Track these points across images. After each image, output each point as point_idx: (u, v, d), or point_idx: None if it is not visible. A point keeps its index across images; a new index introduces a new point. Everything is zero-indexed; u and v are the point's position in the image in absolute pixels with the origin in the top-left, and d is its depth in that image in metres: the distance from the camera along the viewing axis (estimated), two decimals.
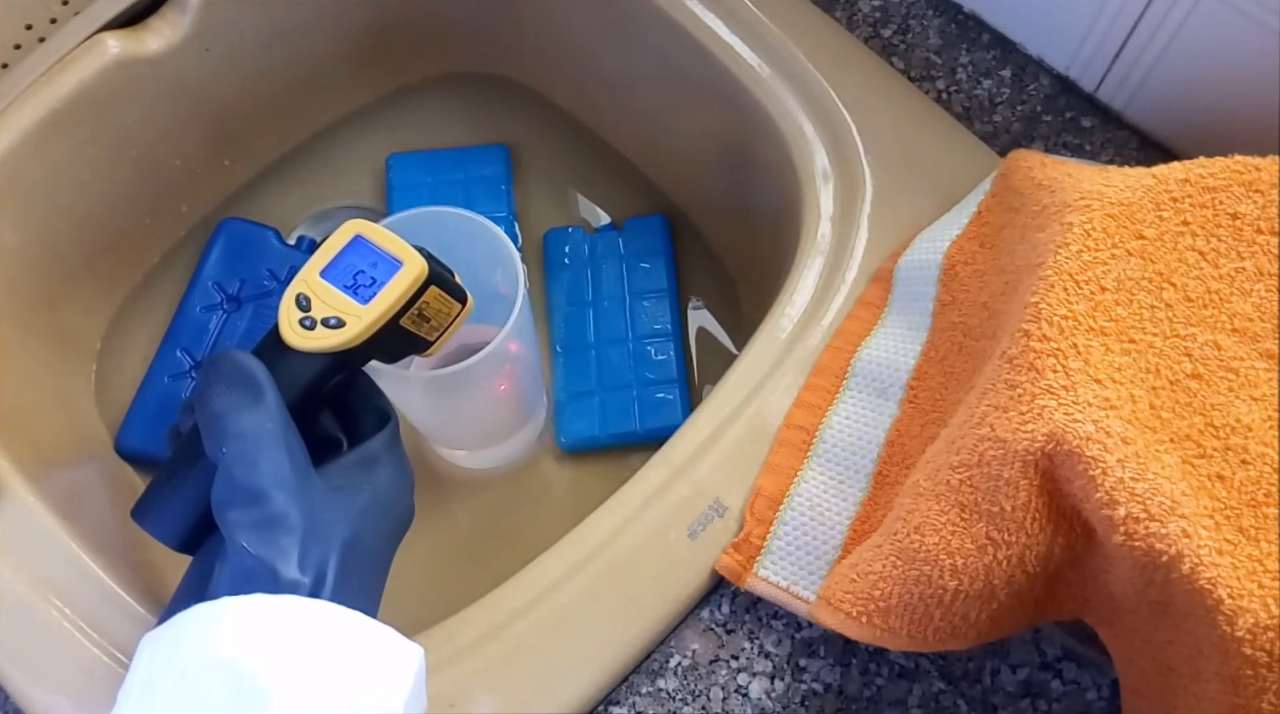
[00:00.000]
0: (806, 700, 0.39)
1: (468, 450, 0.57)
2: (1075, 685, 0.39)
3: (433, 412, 0.52)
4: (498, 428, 0.56)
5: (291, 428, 0.32)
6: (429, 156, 0.65)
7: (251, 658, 0.28)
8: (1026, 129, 0.49)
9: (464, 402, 0.49)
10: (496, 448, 0.57)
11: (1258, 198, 0.35)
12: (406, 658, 0.31)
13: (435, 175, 0.65)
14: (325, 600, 0.30)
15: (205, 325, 0.59)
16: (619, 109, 0.65)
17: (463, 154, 0.65)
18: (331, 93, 0.65)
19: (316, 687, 0.29)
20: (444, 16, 0.64)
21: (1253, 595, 0.28)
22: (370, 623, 0.31)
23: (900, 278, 0.45)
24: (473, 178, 0.65)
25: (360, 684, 0.30)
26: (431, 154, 0.65)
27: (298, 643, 0.29)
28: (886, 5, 0.53)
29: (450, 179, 0.65)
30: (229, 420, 0.31)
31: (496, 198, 0.64)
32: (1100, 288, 0.34)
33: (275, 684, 0.28)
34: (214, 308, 0.60)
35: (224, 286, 0.60)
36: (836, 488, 0.41)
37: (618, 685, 0.40)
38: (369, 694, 0.30)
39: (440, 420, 0.54)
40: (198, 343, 0.59)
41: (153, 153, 0.57)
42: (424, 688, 0.32)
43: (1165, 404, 0.32)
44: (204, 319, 0.59)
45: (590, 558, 0.41)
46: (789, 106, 0.50)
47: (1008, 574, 0.33)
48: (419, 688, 0.32)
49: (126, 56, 0.52)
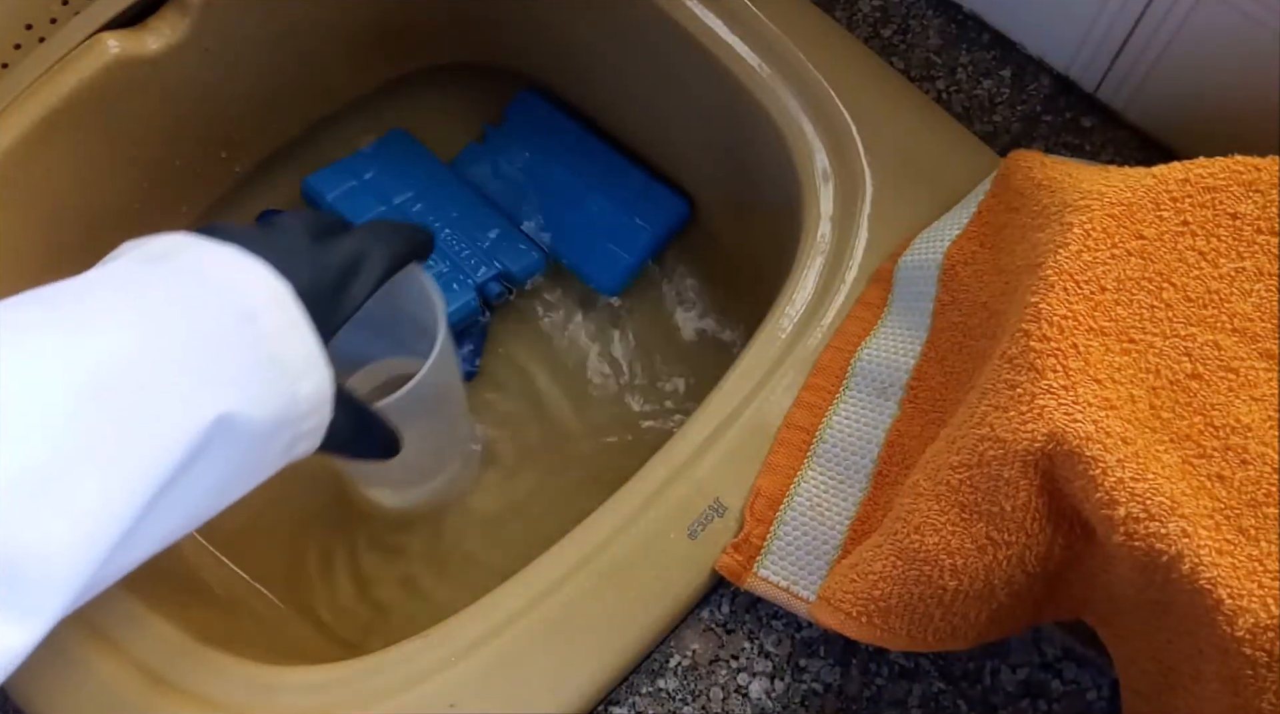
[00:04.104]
0: (806, 700, 0.39)
1: (393, 488, 0.57)
2: (1075, 685, 0.39)
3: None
4: (428, 464, 0.55)
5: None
6: (344, 164, 0.66)
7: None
8: (1026, 129, 0.49)
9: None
10: (423, 486, 0.56)
11: (1258, 198, 0.35)
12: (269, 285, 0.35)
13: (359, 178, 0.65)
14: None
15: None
16: (618, 106, 0.65)
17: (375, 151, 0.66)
18: (331, 87, 0.65)
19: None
20: (444, 12, 0.64)
21: (1253, 595, 0.28)
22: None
23: (900, 278, 0.45)
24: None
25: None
26: (346, 161, 0.66)
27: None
28: (886, 5, 0.53)
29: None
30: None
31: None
32: (1100, 288, 0.34)
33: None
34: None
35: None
36: (836, 488, 0.41)
37: (618, 685, 0.40)
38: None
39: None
40: None
41: (153, 153, 0.57)
42: (302, 324, 0.35)
43: (1165, 404, 0.32)
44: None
45: (590, 558, 0.41)
46: (789, 106, 0.50)
47: (1008, 574, 0.33)
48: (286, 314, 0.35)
49: (126, 56, 0.52)
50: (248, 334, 0.33)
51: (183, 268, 0.34)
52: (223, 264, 0.35)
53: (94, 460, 0.28)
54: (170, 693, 0.39)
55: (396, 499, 0.57)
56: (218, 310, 0.33)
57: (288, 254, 0.36)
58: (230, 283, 0.34)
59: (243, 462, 0.33)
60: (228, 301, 0.33)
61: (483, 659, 0.39)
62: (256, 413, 0.32)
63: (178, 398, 0.31)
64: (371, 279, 0.39)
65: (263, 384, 0.33)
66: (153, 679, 0.39)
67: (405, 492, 0.57)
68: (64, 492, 0.27)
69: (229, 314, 0.33)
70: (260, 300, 0.34)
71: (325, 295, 0.37)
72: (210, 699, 0.39)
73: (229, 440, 0.32)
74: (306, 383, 0.35)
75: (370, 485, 0.57)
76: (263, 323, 0.34)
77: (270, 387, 0.33)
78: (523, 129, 0.67)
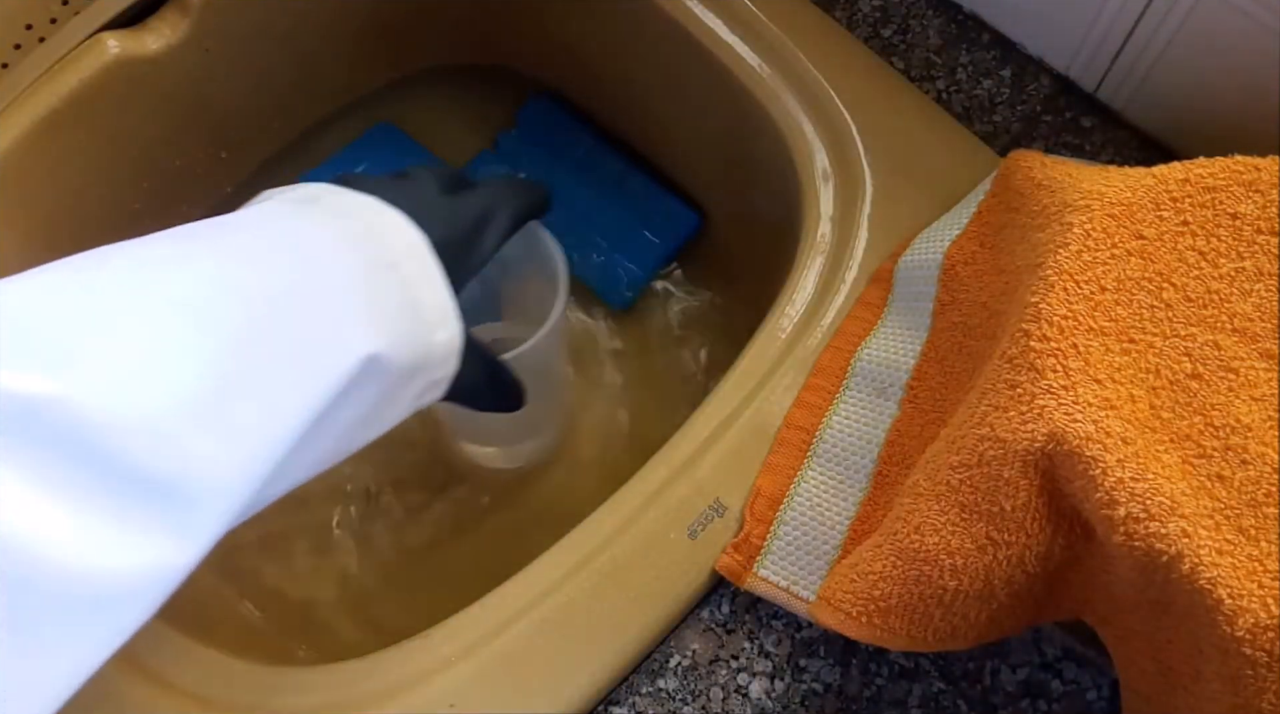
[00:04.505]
0: (806, 700, 0.39)
1: (500, 446, 0.57)
2: (1075, 685, 0.39)
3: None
4: (534, 421, 0.55)
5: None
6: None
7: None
8: (1026, 129, 0.49)
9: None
10: (524, 445, 0.57)
11: (1258, 198, 0.35)
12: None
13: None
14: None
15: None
16: (618, 107, 0.65)
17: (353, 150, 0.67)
18: (331, 88, 0.65)
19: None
20: (444, 11, 0.64)
21: (1253, 595, 0.28)
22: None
23: (900, 278, 0.45)
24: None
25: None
26: (337, 159, 0.66)
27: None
28: (886, 5, 0.53)
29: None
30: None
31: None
32: (1100, 288, 0.34)
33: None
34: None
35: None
36: (836, 488, 0.41)
37: (618, 685, 0.40)
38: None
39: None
40: None
41: (153, 153, 0.57)
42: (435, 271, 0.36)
43: (1165, 404, 0.32)
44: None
45: (590, 558, 0.41)
46: (789, 106, 0.50)
47: (1008, 574, 0.33)
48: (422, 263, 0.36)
49: (126, 56, 0.52)
50: (392, 280, 0.34)
51: (330, 210, 0.35)
52: (365, 211, 0.35)
53: (260, 386, 0.29)
54: (170, 693, 0.39)
55: (503, 459, 0.57)
56: (366, 253, 0.34)
57: (422, 206, 0.37)
58: (374, 230, 0.35)
59: (382, 402, 0.34)
60: (374, 247, 0.34)
61: (483, 659, 0.39)
62: (398, 357, 0.33)
63: (337, 331, 0.31)
64: (498, 234, 0.40)
65: (404, 330, 0.34)
66: (153, 679, 0.39)
67: (512, 450, 0.57)
68: (231, 415, 0.28)
69: (375, 258, 0.34)
70: (401, 249, 0.35)
71: (457, 249, 0.38)
72: (210, 699, 0.39)
73: (374, 379, 0.33)
74: (442, 333, 0.36)
75: (478, 444, 0.57)
76: (404, 270, 0.35)
77: (410, 333, 0.34)
78: (534, 135, 0.67)
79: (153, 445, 0.26)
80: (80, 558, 0.25)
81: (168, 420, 0.26)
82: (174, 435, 0.26)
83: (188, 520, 0.27)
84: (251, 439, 0.28)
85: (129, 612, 0.26)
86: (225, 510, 0.28)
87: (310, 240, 0.33)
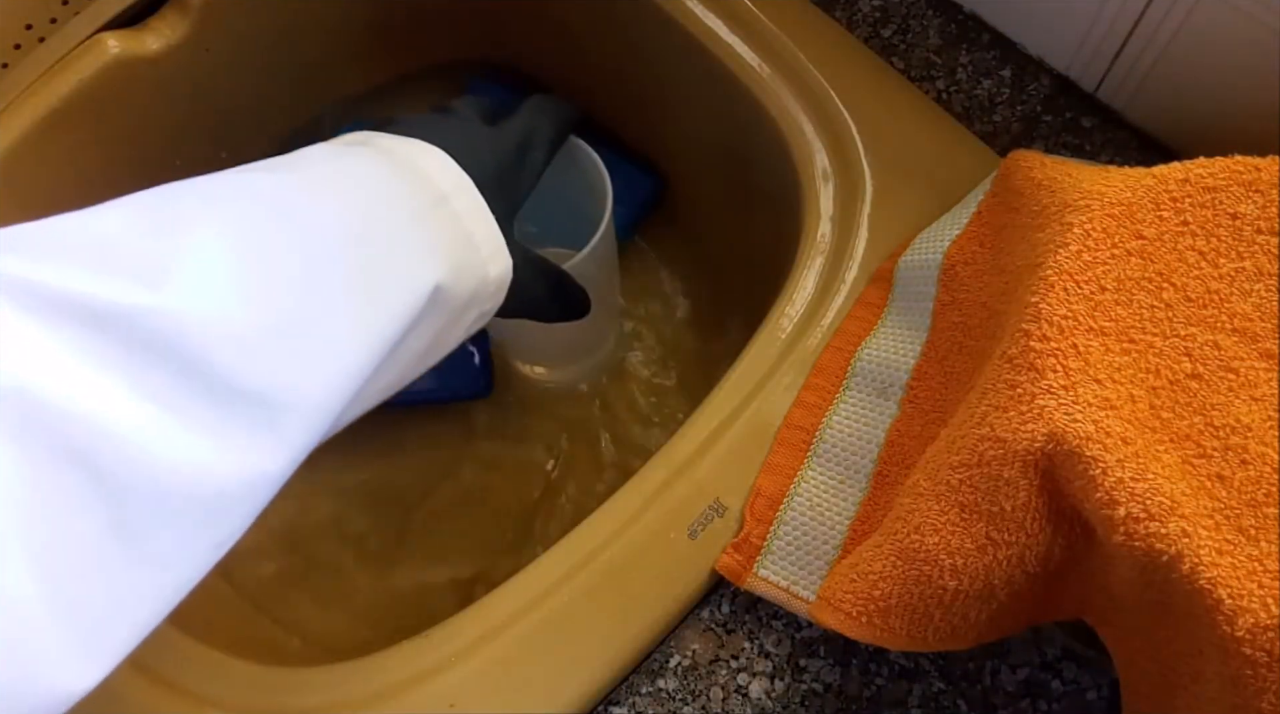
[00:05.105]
0: (806, 700, 0.39)
1: (554, 364, 0.57)
2: (1075, 685, 0.39)
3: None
4: (589, 338, 0.56)
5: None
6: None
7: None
8: (1026, 129, 0.49)
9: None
10: (578, 365, 0.57)
11: (1258, 198, 0.35)
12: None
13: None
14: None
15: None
16: (617, 105, 0.65)
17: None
18: (331, 87, 0.65)
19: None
20: (444, 11, 0.64)
21: (1253, 595, 0.28)
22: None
23: (900, 278, 0.45)
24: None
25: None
26: None
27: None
28: (886, 5, 0.53)
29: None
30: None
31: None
32: (1100, 288, 0.33)
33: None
34: None
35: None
36: (836, 488, 0.41)
37: (618, 685, 0.40)
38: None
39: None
40: None
41: (153, 153, 0.57)
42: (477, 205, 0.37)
43: (1165, 404, 0.32)
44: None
45: (590, 558, 0.41)
46: (789, 106, 0.50)
47: (1008, 574, 0.33)
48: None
49: (126, 56, 0.52)
50: (446, 214, 0.35)
51: (381, 150, 0.36)
52: (412, 150, 0.37)
53: (345, 309, 0.30)
54: (170, 693, 0.39)
55: (555, 375, 0.58)
56: (419, 190, 0.35)
57: (468, 141, 0.38)
58: (422, 168, 0.36)
59: (443, 331, 0.36)
60: (424, 184, 0.35)
61: (483, 659, 0.39)
62: (459, 287, 0.35)
63: (408, 262, 0.33)
64: (542, 154, 0.42)
65: (463, 262, 0.35)
66: (153, 679, 0.39)
67: (567, 367, 0.58)
68: (319, 334, 0.29)
69: (427, 195, 0.35)
70: (449, 186, 0.36)
71: (508, 176, 0.39)
72: (210, 699, 0.39)
73: (440, 309, 0.34)
74: (494, 266, 0.37)
75: (536, 362, 0.57)
76: (455, 205, 0.36)
77: (467, 265, 0.35)
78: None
79: (246, 358, 0.27)
80: (185, 462, 0.25)
81: (260, 336, 0.28)
82: (266, 351, 0.28)
83: (280, 431, 0.28)
84: (336, 360, 0.30)
85: (231, 516, 0.27)
86: (313, 425, 0.29)
87: (371, 176, 0.35)
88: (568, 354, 0.57)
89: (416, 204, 0.35)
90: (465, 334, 0.38)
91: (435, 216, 0.35)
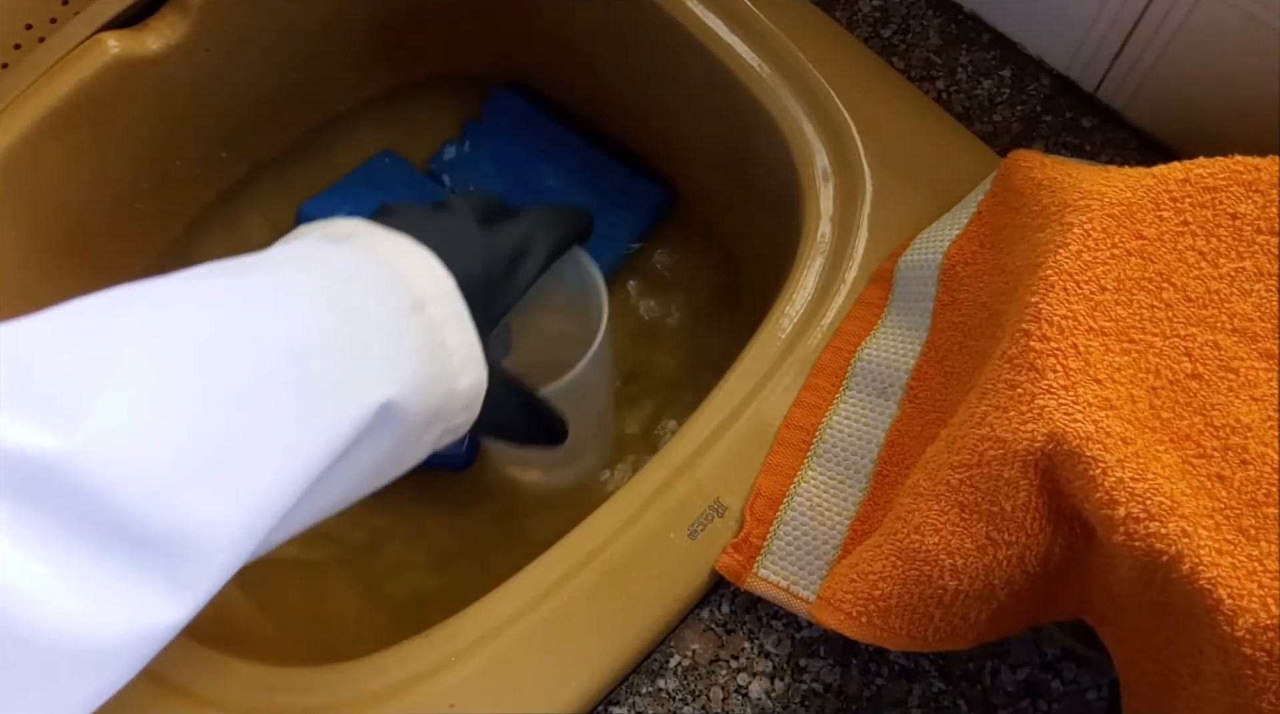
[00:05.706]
0: (806, 700, 0.39)
1: (544, 470, 0.57)
2: (1075, 685, 0.39)
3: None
4: (576, 449, 0.55)
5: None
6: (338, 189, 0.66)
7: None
8: (1026, 129, 0.49)
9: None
10: (574, 466, 0.57)
11: (1258, 198, 0.35)
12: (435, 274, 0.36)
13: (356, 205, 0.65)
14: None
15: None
16: (617, 108, 0.65)
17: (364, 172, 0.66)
18: (331, 91, 0.65)
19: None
20: (444, 15, 0.64)
21: (1253, 595, 0.28)
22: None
23: (900, 278, 0.45)
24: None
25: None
26: (336, 187, 0.66)
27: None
28: (886, 5, 0.53)
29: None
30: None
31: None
32: (1100, 288, 0.33)
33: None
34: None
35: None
36: (836, 488, 0.41)
37: (618, 685, 0.40)
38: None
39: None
40: None
41: (153, 153, 0.57)
42: (458, 305, 0.35)
43: (1165, 404, 0.32)
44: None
45: (590, 558, 0.41)
46: (789, 106, 0.50)
47: (1008, 574, 0.33)
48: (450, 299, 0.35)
49: (126, 56, 0.52)
50: (418, 323, 0.34)
51: (360, 250, 0.35)
52: (396, 251, 0.35)
53: (268, 437, 0.28)
54: (170, 693, 0.39)
55: (548, 480, 0.57)
56: (393, 296, 0.33)
57: (458, 240, 0.37)
58: (403, 270, 0.34)
59: (395, 450, 0.33)
60: (401, 289, 0.34)
61: (483, 659, 0.39)
62: (416, 403, 0.33)
63: (351, 380, 0.31)
64: (536, 266, 0.40)
65: (426, 375, 0.33)
66: (153, 679, 0.39)
67: (556, 473, 0.57)
68: (236, 467, 0.27)
69: (402, 301, 0.33)
70: (429, 290, 0.34)
71: (495, 283, 0.38)
72: (210, 699, 0.39)
73: (389, 427, 0.32)
74: (465, 378, 0.35)
75: (522, 468, 0.57)
76: (430, 313, 0.34)
77: (432, 379, 0.34)
78: (501, 126, 0.67)
79: (154, 501, 0.26)
80: (69, 618, 0.24)
81: (174, 472, 0.26)
82: (176, 491, 0.26)
83: (184, 577, 0.26)
84: (256, 493, 0.28)
85: (113, 670, 0.26)
86: (224, 565, 0.27)
87: (337, 283, 0.33)
88: (555, 461, 0.56)
89: (385, 312, 0.33)
90: (426, 452, 0.36)
91: (404, 325, 0.33)
